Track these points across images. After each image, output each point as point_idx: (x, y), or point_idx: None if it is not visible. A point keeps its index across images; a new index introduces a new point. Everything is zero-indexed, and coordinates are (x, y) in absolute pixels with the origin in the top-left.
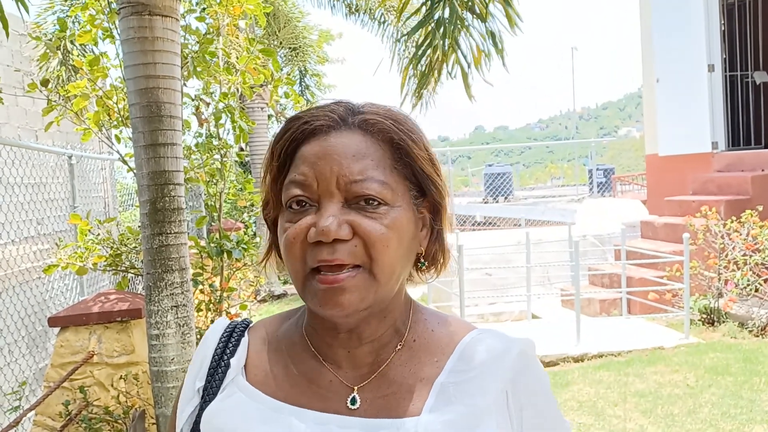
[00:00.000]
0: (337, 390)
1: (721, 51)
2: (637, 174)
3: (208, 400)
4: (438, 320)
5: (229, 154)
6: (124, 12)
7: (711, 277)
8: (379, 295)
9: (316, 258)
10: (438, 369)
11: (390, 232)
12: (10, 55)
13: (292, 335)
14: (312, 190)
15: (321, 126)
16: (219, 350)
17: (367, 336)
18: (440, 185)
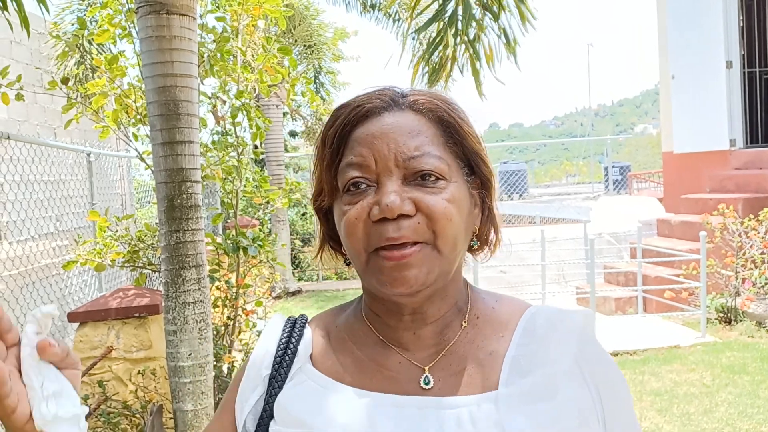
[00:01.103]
0: (407, 371)
1: (739, 47)
2: (653, 171)
3: (277, 387)
4: (495, 298)
5: (245, 152)
6: (142, 11)
7: (728, 276)
8: (443, 270)
9: (381, 236)
10: (505, 343)
11: (451, 206)
12: (29, 53)
13: (353, 323)
14: (370, 170)
15: (374, 108)
16: (283, 340)
17: (431, 316)
18: (488, 163)
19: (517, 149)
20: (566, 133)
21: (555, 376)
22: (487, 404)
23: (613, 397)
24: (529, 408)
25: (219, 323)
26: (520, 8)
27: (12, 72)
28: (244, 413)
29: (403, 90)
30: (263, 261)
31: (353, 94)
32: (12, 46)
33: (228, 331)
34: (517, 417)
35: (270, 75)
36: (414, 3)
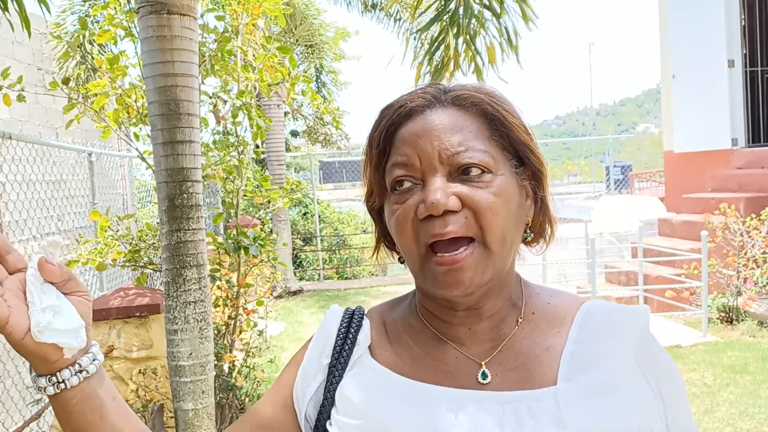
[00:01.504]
0: (464, 366)
1: (741, 46)
2: (655, 171)
3: (337, 376)
4: (550, 293)
5: (246, 152)
6: (143, 11)
7: (730, 275)
8: (496, 267)
9: (429, 233)
10: (562, 339)
11: (497, 199)
12: (31, 53)
13: (408, 318)
14: (415, 168)
15: (417, 107)
16: (342, 330)
17: (486, 311)
18: (538, 153)
19: None
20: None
21: (615, 373)
22: (547, 399)
23: (674, 394)
24: (590, 403)
25: (220, 323)
26: (522, 8)
27: (14, 72)
28: (306, 399)
29: (446, 86)
30: (264, 260)
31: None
32: (14, 46)
33: (229, 330)
34: (577, 412)
35: (270, 74)
36: (416, 2)
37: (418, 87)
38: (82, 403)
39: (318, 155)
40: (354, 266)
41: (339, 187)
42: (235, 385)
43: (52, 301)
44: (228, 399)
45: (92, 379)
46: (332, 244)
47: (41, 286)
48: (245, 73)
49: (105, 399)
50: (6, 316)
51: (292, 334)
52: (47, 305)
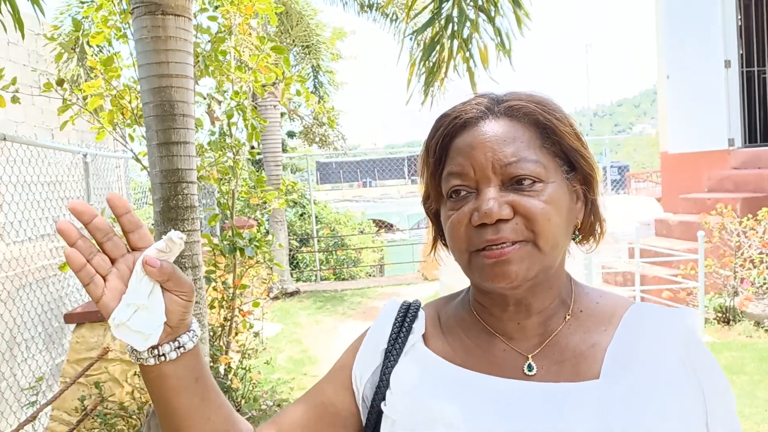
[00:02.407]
0: (511, 359)
1: (737, 46)
2: (651, 171)
3: (393, 360)
4: (599, 293)
5: (241, 152)
6: (137, 12)
7: (726, 276)
8: (543, 265)
9: (481, 239)
10: (608, 337)
11: (549, 206)
12: (26, 54)
13: (461, 312)
14: (470, 178)
15: (471, 118)
16: (399, 319)
17: (535, 307)
18: (589, 158)
19: None
20: None
21: (659, 373)
22: (589, 392)
23: (718, 401)
24: (631, 399)
25: (216, 324)
26: (516, 12)
27: (9, 73)
28: (363, 380)
29: (499, 96)
30: (260, 262)
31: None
32: (9, 47)
33: (225, 332)
34: (618, 406)
35: (265, 74)
36: (410, 3)
37: (473, 98)
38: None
39: (315, 156)
40: (351, 267)
41: (336, 188)
42: (231, 387)
43: (140, 298)
44: None
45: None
46: (329, 245)
47: (142, 277)
48: (240, 73)
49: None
50: (98, 297)
51: (288, 336)
52: (133, 301)
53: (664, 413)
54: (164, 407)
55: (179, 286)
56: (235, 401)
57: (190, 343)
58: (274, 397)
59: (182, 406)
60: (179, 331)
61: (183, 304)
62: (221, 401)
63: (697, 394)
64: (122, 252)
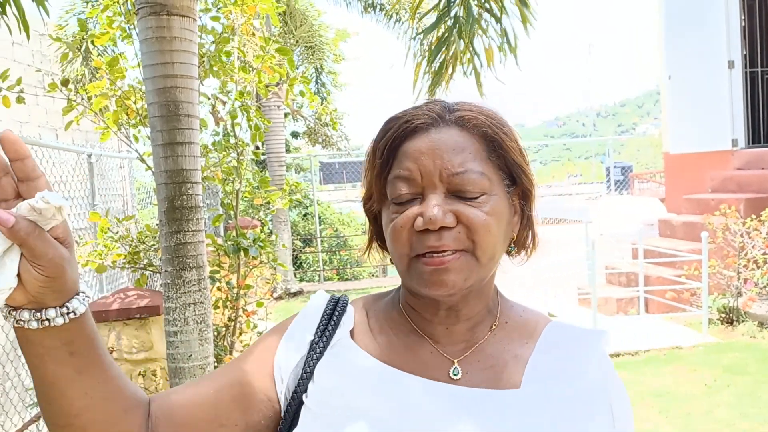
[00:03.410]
0: (437, 361)
1: (741, 47)
2: (655, 171)
3: (318, 353)
4: (522, 308)
5: (245, 153)
6: (142, 12)
7: (730, 276)
8: (479, 275)
9: (424, 245)
10: (529, 350)
11: (490, 218)
12: (31, 54)
13: (390, 311)
14: (416, 183)
15: (422, 124)
16: (328, 311)
17: (464, 314)
18: (530, 174)
19: None
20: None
21: (576, 387)
22: (511, 400)
23: (623, 416)
24: (549, 409)
25: (220, 324)
26: (522, 11)
27: (14, 74)
28: (288, 370)
29: (451, 105)
30: (264, 262)
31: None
32: (14, 47)
33: (229, 332)
34: (537, 414)
35: (268, 75)
36: (417, 4)
37: (425, 103)
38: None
39: (318, 156)
40: (354, 267)
41: (339, 188)
42: None
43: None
44: None
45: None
46: (332, 245)
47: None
48: (243, 74)
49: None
50: None
51: None
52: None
53: (578, 424)
54: (34, 373)
55: (35, 257)
56: None
57: (81, 307)
58: None
59: (55, 376)
60: (66, 294)
61: (40, 279)
62: (108, 375)
63: (607, 412)
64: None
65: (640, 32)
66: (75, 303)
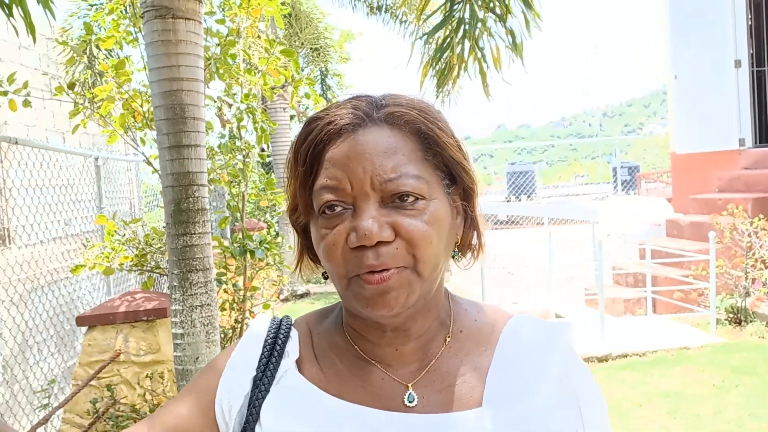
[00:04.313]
0: (390, 388)
1: (747, 46)
2: (662, 171)
3: (263, 390)
4: (477, 309)
5: (251, 155)
6: (147, 16)
7: (738, 276)
8: (423, 290)
9: (361, 264)
10: (488, 358)
11: (431, 228)
12: (37, 58)
13: (333, 335)
14: (346, 193)
15: (347, 125)
16: (269, 342)
17: (414, 332)
18: (470, 170)
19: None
20: (574, 133)
21: (540, 396)
22: (472, 422)
23: (593, 414)
24: (513, 427)
25: (226, 326)
26: (525, 13)
27: (20, 77)
28: (232, 412)
29: (378, 100)
30: (270, 264)
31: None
32: (20, 51)
33: (236, 334)
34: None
35: (274, 77)
36: (422, 5)
37: (348, 99)
38: None
39: None
40: None
41: None
42: None
43: None
44: None
45: None
46: None
47: None
48: (249, 76)
49: None
50: None
51: None
52: None
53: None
54: None
55: None
56: None
57: None
58: None
59: None
60: None
61: None
62: None
63: (573, 409)
64: None
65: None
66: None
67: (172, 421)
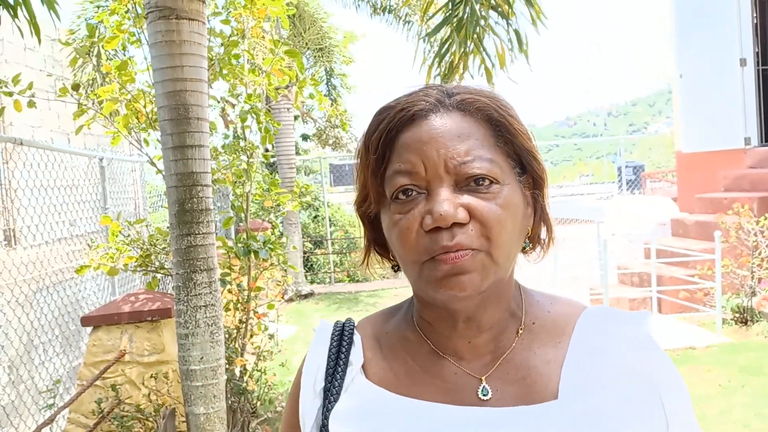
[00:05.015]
0: (463, 382)
1: (753, 45)
2: (667, 171)
3: (333, 400)
4: (549, 300)
5: (255, 155)
6: (151, 16)
7: (744, 276)
8: (497, 276)
9: (436, 245)
10: (562, 350)
11: (505, 212)
12: (43, 59)
13: (404, 331)
14: (420, 177)
15: (420, 111)
16: (333, 350)
17: (485, 323)
18: (540, 160)
19: None
20: (579, 133)
21: (618, 388)
22: (548, 415)
23: (677, 404)
24: (591, 420)
25: (231, 326)
26: (530, 12)
27: (25, 78)
28: (307, 428)
29: (449, 88)
30: (275, 264)
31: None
32: (26, 52)
33: (240, 334)
34: (578, 429)
35: (278, 77)
36: (426, 6)
37: (420, 88)
38: None
39: (328, 158)
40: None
41: (350, 190)
42: (247, 389)
43: None
44: (239, 403)
45: None
46: (343, 247)
47: None
48: (253, 76)
49: None
50: None
51: (303, 337)
52: None
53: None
54: None
55: None
56: (251, 403)
57: None
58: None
59: None
60: None
61: None
62: None
63: (656, 403)
64: None
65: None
66: None
67: None
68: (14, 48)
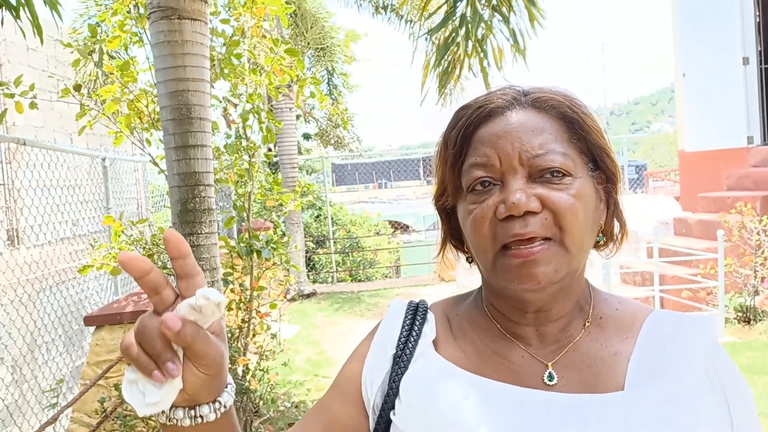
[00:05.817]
0: (530, 366)
1: (756, 43)
2: (670, 170)
3: (402, 367)
4: (618, 300)
5: (257, 155)
6: (153, 17)
7: (747, 275)
8: (571, 267)
9: (508, 233)
10: (629, 346)
11: (577, 201)
12: (45, 60)
13: (474, 315)
14: (495, 169)
15: (497, 107)
16: (408, 322)
17: (555, 313)
18: (613, 157)
19: None
20: None
21: (683, 383)
22: (614, 404)
23: (742, 409)
24: (657, 412)
25: (233, 326)
26: (530, 11)
27: (28, 78)
28: (374, 388)
29: (524, 88)
30: (277, 263)
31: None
32: (28, 52)
33: (242, 333)
34: (644, 419)
35: (279, 77)
36: (424, 4)
37: (496, 89)
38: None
39: (330, 158)
40: (367, 268)
41: (352, 189)
42: (249, 389)
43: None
44: (242, 402)
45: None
46: (345, 247)
47: None
48: (254, 76)
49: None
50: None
51: (305, 337)
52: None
53: (690, 426)
54: None
55: (198, 357)
56: (254, 402)
57: (230, 399)
58: (291, 398)
59: None
60: (218, 389)
61: (201, 377)
62: None
63: (721, 402)
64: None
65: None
66: (225, 396)
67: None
68: (17, 48)
